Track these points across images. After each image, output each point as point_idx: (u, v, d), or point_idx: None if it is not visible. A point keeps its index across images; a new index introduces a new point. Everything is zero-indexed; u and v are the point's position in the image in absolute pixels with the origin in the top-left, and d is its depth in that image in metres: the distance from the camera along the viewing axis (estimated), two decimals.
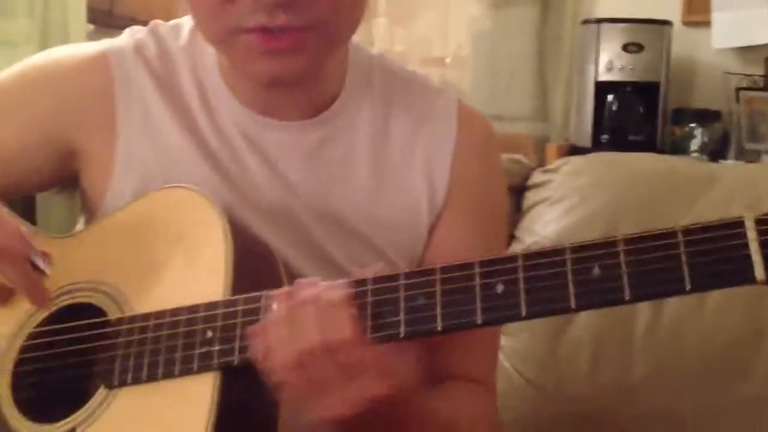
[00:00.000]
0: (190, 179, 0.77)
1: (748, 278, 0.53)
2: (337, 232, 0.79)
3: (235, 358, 0.64)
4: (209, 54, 0.81)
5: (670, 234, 0.55)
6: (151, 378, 0.67)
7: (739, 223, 0.53)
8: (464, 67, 2.77)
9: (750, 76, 2.73)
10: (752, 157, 2.52)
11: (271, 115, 0.80)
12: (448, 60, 2.75)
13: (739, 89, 2.68)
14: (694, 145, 2.58)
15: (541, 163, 1.73)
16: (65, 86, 0.80)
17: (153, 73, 0.80)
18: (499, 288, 0.57)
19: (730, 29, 2.69)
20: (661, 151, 2.47)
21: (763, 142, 2.61)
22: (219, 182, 0.78)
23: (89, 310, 0.72)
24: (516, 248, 1.42)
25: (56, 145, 0.80)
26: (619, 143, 2.50)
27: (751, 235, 0.53)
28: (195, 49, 0.82)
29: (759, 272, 0.52)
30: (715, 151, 2.60)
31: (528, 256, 0.58)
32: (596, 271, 0.55)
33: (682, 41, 2.75)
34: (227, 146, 0.80)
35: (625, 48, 2.58)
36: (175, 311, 0.68)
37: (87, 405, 0.69)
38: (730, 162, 2.39)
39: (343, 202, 0.80)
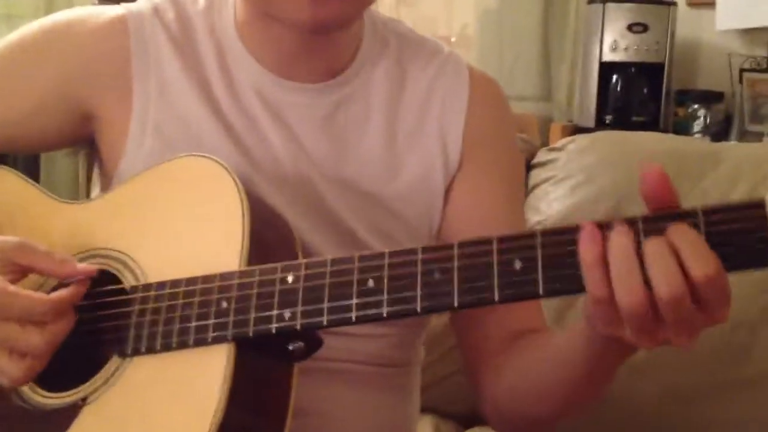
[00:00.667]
0: (205, 146, 0.77)
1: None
2: (351, 199, 0.79)
3: (251, 330, 0.64)
4: (227, 16, 0.82)
5: (691, 213, 0.55)
6: (165, 347, 0.67)
7: (760, 205, 0.52)
8: (470, 46, 2.77)
9: (754, 57, 2.72)
10: (754, 138, 2.52)
11: (289, 77, 0.80)
12: (453, 39, 2.74)
13: (742, 71, 2.67)
14: (697, 126, 2.57)
15: (545, 143, 1.73)
16: (83, 48, 0.81)
17: (171, 37, 0.81)
18: (517, 265, 0.57)
19: (734, 11, 2.67)
20: (664, 132, 2.47)
21: (765, 123, 2.60)
22: (234, 150, 0.78)
23: (103, 277, 0.72)
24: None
25: (72, 105, 0.81)
26: (623, 123, 2.50)
27: None
28: (213, 12, 0.82)
29: None
30: (718, 133, 2.60)
31: (545, 233, 0.57)
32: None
33: (687, 22, 2.74)
34: (243, 112, 0.80)
35: (630, 28, 2.57)
36: (190, 280, 0.68)
37: (100, 373, 0.69)
38: (732, 143, 2.38)
39: (357, 167, 0.80)
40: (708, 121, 2.59)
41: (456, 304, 0.58)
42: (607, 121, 2.59)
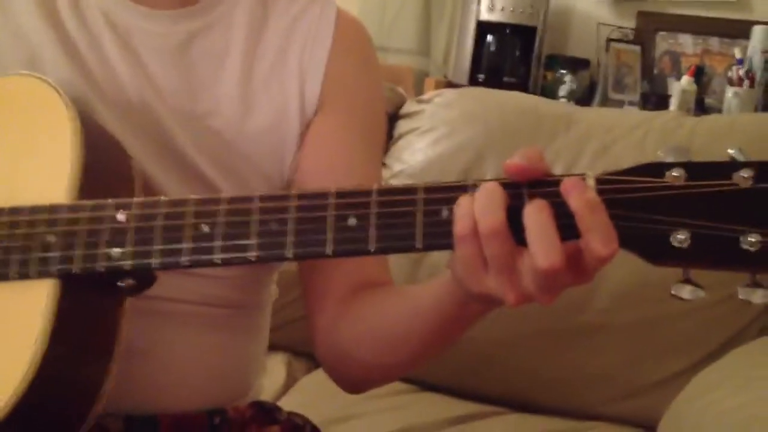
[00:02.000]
0: (42, 63, 0.73)
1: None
2: (199, 135, 0.76)
3: (77, 266, 0.61)
4: None
5: (515, 185, 0.54)
6: None
7: (581, 180, 0.53)
8: None
9: (621, 28, 2.84)
10: (615, 106, 2.65)
11: (144, 2, 0.77)
12: None
13: (609, 40, 2.79)
14: (563, 91, 2.68)
15: (419, 96, 1.75)
16: None
17: None
18: (351, 221, 0.57)
19: None
20: (532, 95, 2.55)
21: (627, 92, 2.74)
22: (74, 71, 0.74)
23: None
24: (384, 175, 1.44)
25: None
26: (494, 83, 2.57)
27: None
28: None
29: None
30: (582, 99, 2.71)
31: (382, 191, 0.57)
32: (445, 213, 0.55)
33: None
34: (88, 33, 0.76)
35: None
36: (14, 210, 0.64)
37: None
38: (588, 107, 2.49)
39: (209, 103, 0.77)
40: (573, 86, 2.69)
41: (290, 255, 0.58)
42: (480, 80, 2.65)
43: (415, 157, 1.43)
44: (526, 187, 0.54)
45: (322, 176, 0.79)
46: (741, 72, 2.48)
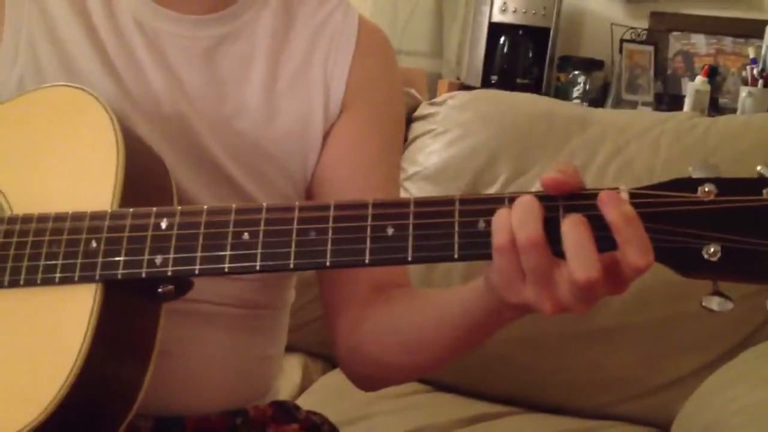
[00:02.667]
0: (79, 73, 0.75)
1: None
2: (227, 138, 0.78)
3: (120, 273, 0.63)
4: None
5: (552, 197, 0.56)
6: (29, 283, 0.65)
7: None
8: None
9: (634, 28, 2.84)
10: (629, 107, 2.65)
11: (173, 7, 0.79)
12: None
13: (623, 41, 2.79)
14: (576, 92, 2.68)
15: (432, 98, 1.76)
16: None
17: None
18: (389, 231, 0.58)
19: None
20: (546, 96, 2.56)
21: (640, 93, 2.74)
22: (109, 81, 0.76)
23: None
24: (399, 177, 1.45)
25: None
26: (507, 85, 2.58)
27: None
28: None
29: None
30: (595, 100, 2.71)
31: (419, 202, 0.59)
32: (481, 224, 0.57)
33: None
34: (122, 42, 0.78)
35: None
36: (59, 216, 0.66)
37: None
38: (601, 109, 2.50)
39: (236, 107, 0.79)
40: (587, 87, 2.70)
41: (328, 264, 0.60)
42: (493, 81, 2.66)
43: (429, 159, 1.44)
44: (562, 199, 0.55)
45: (343, 175, 0.81)
46: (755, 71, 2.48)
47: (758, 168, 0.53)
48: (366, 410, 1.23)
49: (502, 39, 2.69)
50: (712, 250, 0.53)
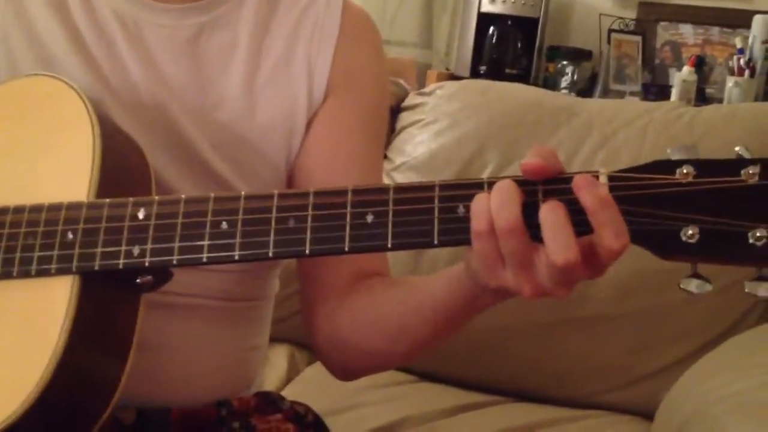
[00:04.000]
0: (55, 62, 0.74)
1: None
2: (208, 129, 0.77)
3: (97, 264, 0.62)
4: None
5: (530, 181, 0.56)
6: (5, 276, 0.64)
7: (594, 177, 0.54)
8: None
9: (623, 19, 2.85)
10: (616, 97, 2.65)
11: None
12: None
13: (611, 31, 2.79)
14: (564, 82, 2.68)
15: (421, 89, 1.75)
16: None
17: None
18: (369, 218, 0.58)
19: None
20: (534, 86, 2.56)
21: (628, 83, 2.75)
22: (86, 70, 0.75)
23: None
24: (386, 167, 1.45)
25: None
26: (496, 75, 2.58)
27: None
28: None
29: None
30: (583, 90, 2.72)
31: (398, 189, 0.58)
32: (461, 210, 0.57)
33: None
34: (99, 30, 0.77)
35: None
36: (34, 208, 0.65)
37: None
38: (589, 99, 2.50)
39: (217, 97, 0.78)
40: (575, 77, 2.70)
41: (307, 252, 0.59)
42: (482, 72, 2.66)
43: (417, 149, 1.44)
44: (541, 183, 0.55)
45: (323, 162, 0.80)
46: (742, 62, 2.49)
47: (736, 149, 0.53)
48: (352, 400, 1.23)
49: (491, 29, 2.69)
50: (690, 232, 0.52)
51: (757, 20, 2.51)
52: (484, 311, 0.67)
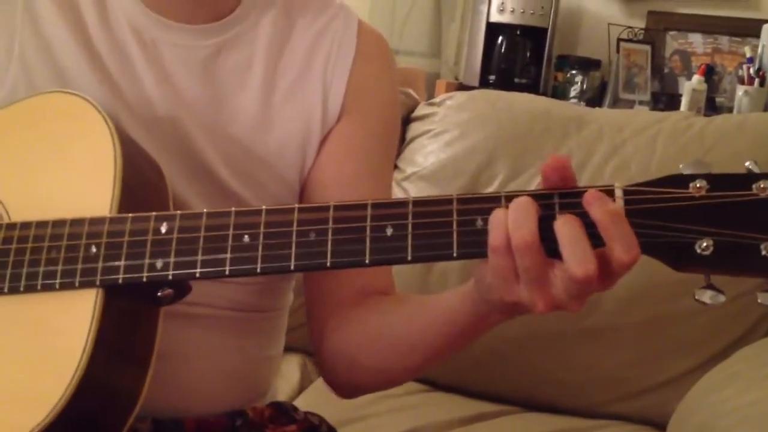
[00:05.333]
0: (71, 79, 0.75)
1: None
2: (222, 146, 0.78)
3: (120, 277, 0.63)
4: None
5: (548, 195, 0.57)
6: (29, 289, 0.65)
7: (610, 191, 0.56)
8: None
9: (631, 28, 2.85)
10: (626, 106, 2.66)
11: (171, 16, 0.79)
12: None
13: (620, 40, 2.80)
14: (573, 91, 2.69)
15: (431, 98, 1.76)
16: None
17: None
18: (389, 231, 0.59)
19: None
20: (543, 95, 2.57)
21: (637, 92, 2.75)
22: (102, 86, 0.76)
23: None
24: (396, 177, 1.46)
25: None
26: (505, 85, 2.59)
27: (619, 203, 0.55)
28: None
29: None
30: (592, 99, 2.72)
31: (417, 202, 0.59)
32: (479, 223, 0.58)
33: None
34: (116, 47, 0.78)
35: None
36: (58, 222, 0.66)
37: None
38: (598, 109, 2.50)
39: (232, 115, 0.79)
40: (584, 86, 2.70)
41: (329, 265, 0.60)
42: (491, 81, 2.67)
43: (427, 159, 1.45)
44: (557, 197, 0.57)
45: (334, 180, 0.81)
46: (751, 70, 2.48)
47: (747, 164, 0.55)
48: (364, 411, 1.23)
49: (500, 39, 2.70)
50: (704, 244, 0.54)
51: (767, 29, 2.51)
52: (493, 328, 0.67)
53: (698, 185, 0.55)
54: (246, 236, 0.62)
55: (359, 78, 0.83)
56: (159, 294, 0.64)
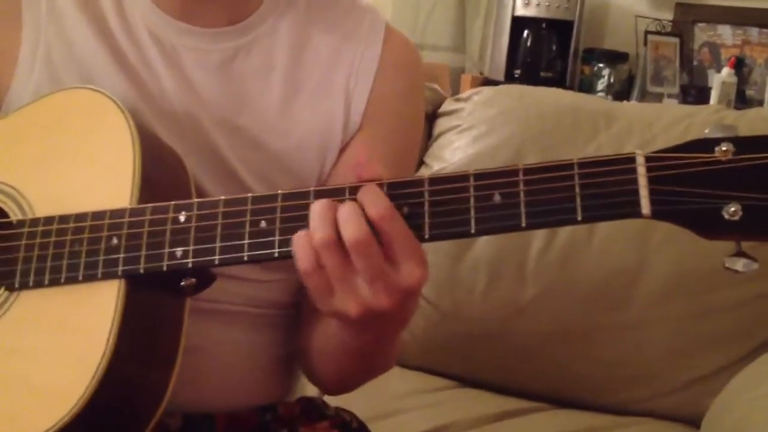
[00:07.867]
0: (96, 76, 0.76)
1: (635, 212, 0.54)
2: (242, 148, 0.78)
3: (142, 267, 0.64)
4: None
5: (567, 166, 0.57)
6: (54, 282, 0.66)
7: (630, 159, 0.54)
8: None
9: (659, 20, 2.81)
10: (654, 99, 2.62)
11: (188, 20, 0.79)
12: None
13: (647, 33, 2.76)
14: (601, 84, 2.66)
15: (456, 93, 1.75)
16: None
17: None
18: (404, 210, 0.59)
19: None
20: (570, 89, 2.54)
21: (665, 85, 2.71)
22: (125, 83, 0.77)
23: None
24: (423, 173, 1.45)
25: None
26: (531, 79, 2.56)
27: (641, 171, 0.54)
28: None
29: (645, 207, 0.54)
30: (620, 92, 2.69)
31: (433, 180, 0.59)
32: (497, 198, 0.57)
33: None
34: (135, 45, 0.78)
35: None
36: (79, 216, 0.67)
37: None
38: (627, 102, 2.48)
39: (252, 117, 0.79)
40: (612, 80, 2.67)
41: None
42: (516, 75, 2.65)
43: (454, 155, 1.44)
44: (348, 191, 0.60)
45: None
46: None
47: None
48: (394, 406, 1.24)
49: (525, 32, 2.68)
50: (732, 209, 0.52)
51: None
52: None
53: (724, 148, 0.52)
54: (263, 222, 0.62)
55: (383, 88, 0.82)
56: (182, 283, 0.65)
